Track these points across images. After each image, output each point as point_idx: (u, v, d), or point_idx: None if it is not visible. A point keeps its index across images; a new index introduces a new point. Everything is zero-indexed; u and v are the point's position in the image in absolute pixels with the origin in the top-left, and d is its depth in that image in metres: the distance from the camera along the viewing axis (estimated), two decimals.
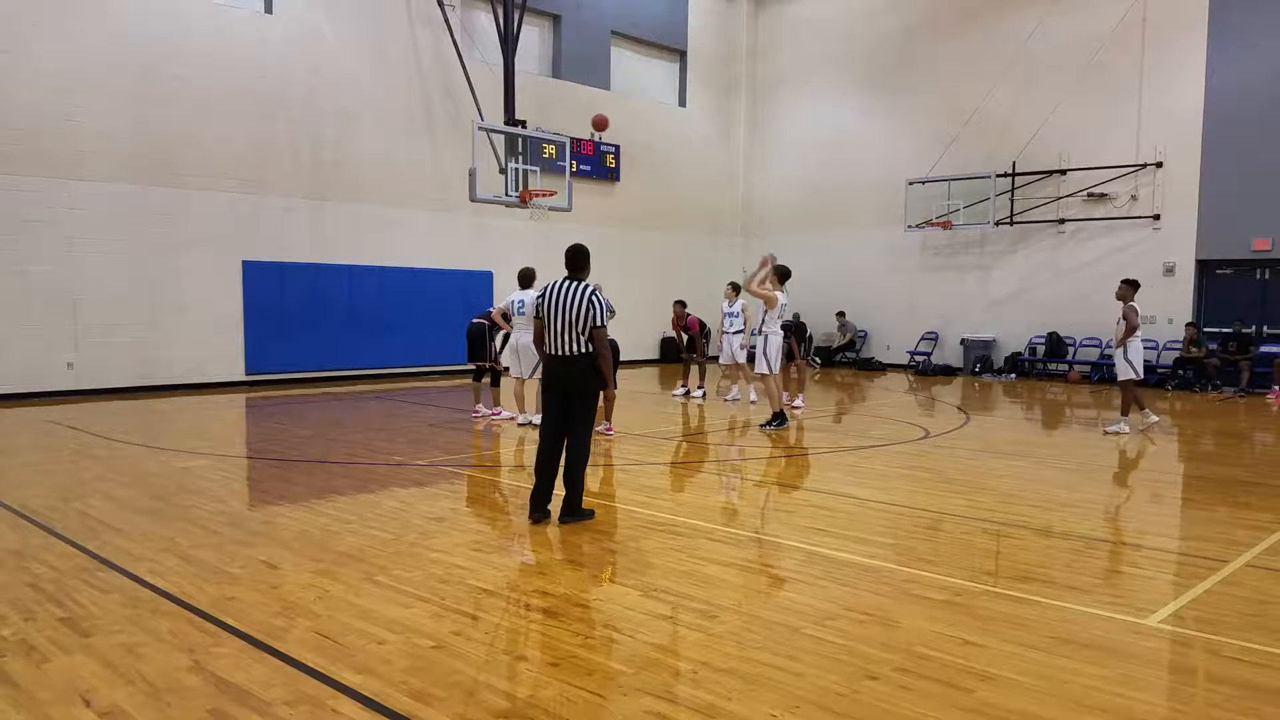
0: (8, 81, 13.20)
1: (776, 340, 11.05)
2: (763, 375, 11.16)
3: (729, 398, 14.01)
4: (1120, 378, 11.18)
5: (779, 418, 11.05)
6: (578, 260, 6.44)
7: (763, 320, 11.05)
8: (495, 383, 11.87)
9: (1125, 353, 11.02)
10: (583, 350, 6.21)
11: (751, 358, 11.91)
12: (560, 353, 6.25)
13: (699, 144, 23.51)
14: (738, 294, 13.85)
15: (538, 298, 6.44)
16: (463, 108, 17.85)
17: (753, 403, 13.54)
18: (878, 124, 21.84)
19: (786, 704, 3.50)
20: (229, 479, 8.05)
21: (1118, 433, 11.03)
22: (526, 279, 10.99)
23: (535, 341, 6.55)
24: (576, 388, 6.24)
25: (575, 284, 6.28)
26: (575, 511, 6.37)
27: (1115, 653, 4.05)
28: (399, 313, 17.63)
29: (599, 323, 6.19)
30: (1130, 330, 10.94)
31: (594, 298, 6.20)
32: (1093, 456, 9.68)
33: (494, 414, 11.72)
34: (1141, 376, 11.28)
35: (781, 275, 11.31)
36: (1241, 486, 8.12)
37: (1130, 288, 11.17)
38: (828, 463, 9.16)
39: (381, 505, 6.91)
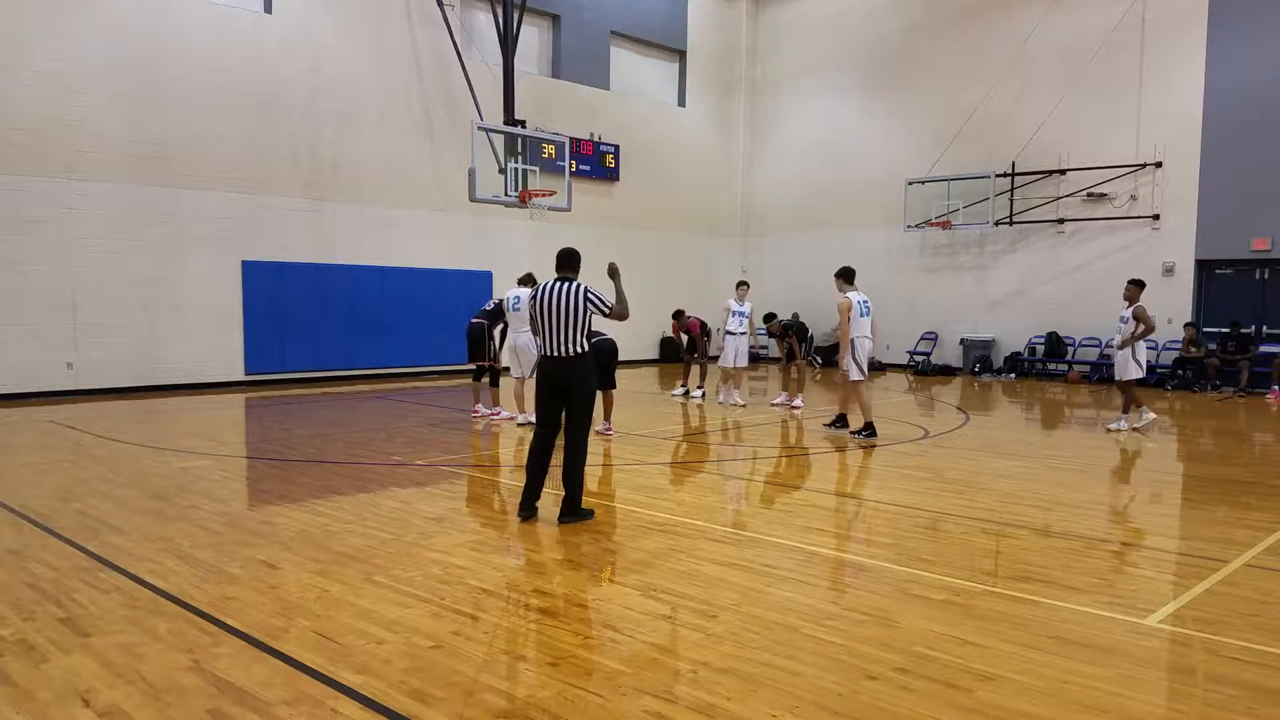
0: (8, 81, 13.19)
1: (864, 345, 10.56)
2: (855, 382, 10.63)
3: (732, 401, 13.69)
4: (1125, 377, 11.21)
5: (869, 428, 10.40)
6: (570, 261, 6.49)
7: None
8: (494, 382, 11.87)
9: (1134, 352, 11.05)
10: (577, 350, 6.24)
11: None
12: (554, 354, 6.27)
13: (698, 144, 23.51)
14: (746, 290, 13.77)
15: (531, 299, 6.47)
16: (462, 108, 17.84)
17: (742, 405, 13.35)
18: (878, 124, 21.84)
19: (786, 704, 3.50)
20: (229, 479, 8.05)
21: (1118, 430, 11.11)
22: (526, 282, 11.08)
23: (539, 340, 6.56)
24: (571, 388, 6.27)
25: (566, 284, 6.31)
26: (575, 511, 6.38)
27: (1115, 653, 4.05)
28: (399, 313, 17.63)
29: (604, 312, 6.32)
30: (1149, 330, 10.98)
31: (588, 296, 6.25)
32: (1092, 456, 9.69)
33: (493, 414, 11.72)
34: (1144, 375, 11.36)
35: (847, 275, 10.86)
36: (1241, 486, 8.12)
37: (1139, 288, 11.20)
38: (828, 463, 9.16)
39: (381, 505, 6.91)
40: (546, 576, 5.21)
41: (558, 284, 6.32)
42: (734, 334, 13.37)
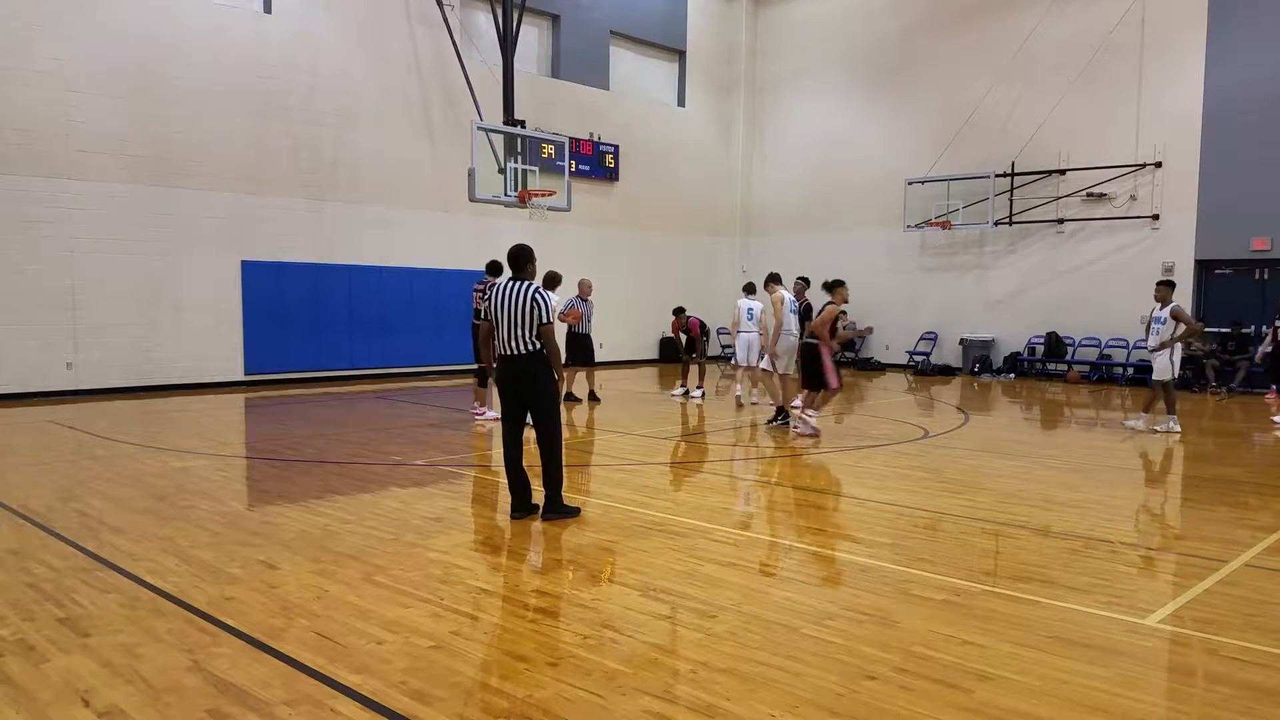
0: (8, 81, 13.18)
1: (786, 340, 11.25)
2: (767, 372, 11.32)
3: (753, 400, 13.69)
4: (1162, 378, 11.12)
5: (781, 414, 11.20)
6: (520, 260, 6.49)
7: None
8: (483, 382, 11.83)
9: (1172, 353, 11.03)
10: (530, 349, 6.28)
11: (762, 356, 12.07)
12: (509, 352, 6.33)
13: (698, 144, 23.51)
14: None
15: (485, 300, 6.54)
16: (462, 108, 17.84)
17: (754, 404, 13.51)
18: (877, 124, 21.83)
19: (785, 704, 3.50)
20: (228, 479, 8.05)
21: (1169, 431, 11.15)
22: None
23: (484, 341, 6.65)
24: (529, 386, 6.31)
25: (518, 284, 6.35)
26: (557, 509, 6.43)
27: (1115, 653, 4.05)
28: (398, 313, 17.64)
29: (545, 320, 6.27)
30: (1193, 330, 10.93)
31: (537, 296, 6.27)
32: (1092, 456, 9.68)
33: (476, 413, 11.73)
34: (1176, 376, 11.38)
35: (777, 279, 11.62)
36: (1241, 486, 8.12)
37: (1170, 288, 11.18)
38: (827, 463, 9.16)
39: (381, 505, 6.91)
40: (546, 576, 5.21)
41: (511, 284, 6.37)
42: (748, 332, 13.36)
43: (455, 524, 6.44)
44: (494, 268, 11.29)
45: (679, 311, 14.86)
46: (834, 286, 10.75)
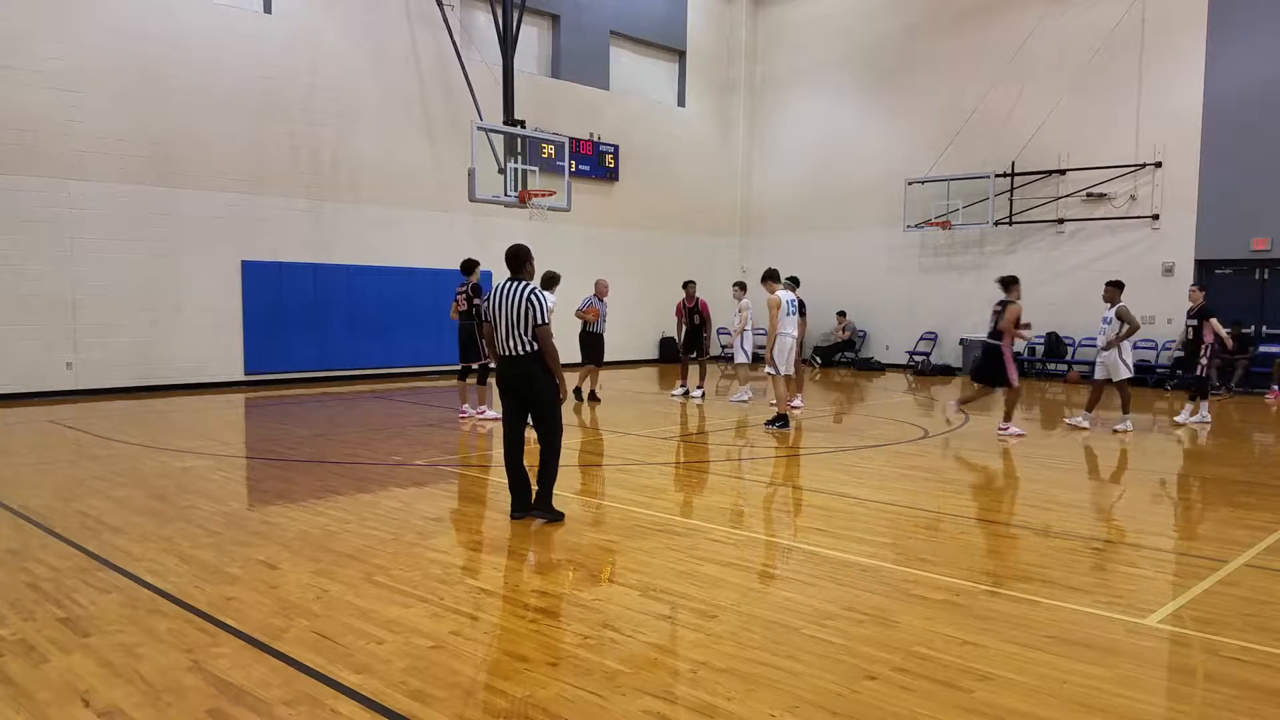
0: (8, 81, 13.18)
1: (786, 341, 11.23)
2: (771, 375, 11.32)
3: (743, 398, 13.90)
4: (1118, 378, 11.24)
5: (782, 419, 11.14)
6: (517, 260, 6.48)
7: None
8: (482, 380, 11.85)
9: (1121, 352, 11.09)
10: (529, 350, 6.27)
11: (760, 358, 12.15)
12: (508, 353, 6.32)
13: (698, 144, 23.51)
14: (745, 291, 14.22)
15: (484, 300, 6.54)
16: (462, 108, 17.84)
17: (743, 401, 13.58)
18: (877, 124, 21.84)
19: (785, 704, 3.50)
20: (228, 479, 8.05)
21: (1124, 431, 11.14)
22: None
23: (486, 342, 6.65)
24: (529, 387, 6.32)
25: (516, 284, 6.34)
26: (545, 508, 6.42)
27: (1115, 653, 4.05)
28: (398, 313, 17.63)
29: (540, 321, 6.25)
30: (1134, 330, 10.99)
31: (533, 297, 6.25)
32: (1092, 456, 9.68)
33: (478, 413, 11.72)
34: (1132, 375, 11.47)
35: (774, 276, 11.64)
36: (1241, 486, 8.12)
37: (1118, 289, 11.25)
38: (827, 463, 9.15)
39: (380, 505, 6.91)
40: (546, 576, 5.21)
41: (508, 285, 6.37)
42: (745, 331, 13.83)
43: (455, 524, 6.44)
44: (467, 266, 11.50)
45: (689, 284, 14.79)
46: (1012, 283, 10.83)
